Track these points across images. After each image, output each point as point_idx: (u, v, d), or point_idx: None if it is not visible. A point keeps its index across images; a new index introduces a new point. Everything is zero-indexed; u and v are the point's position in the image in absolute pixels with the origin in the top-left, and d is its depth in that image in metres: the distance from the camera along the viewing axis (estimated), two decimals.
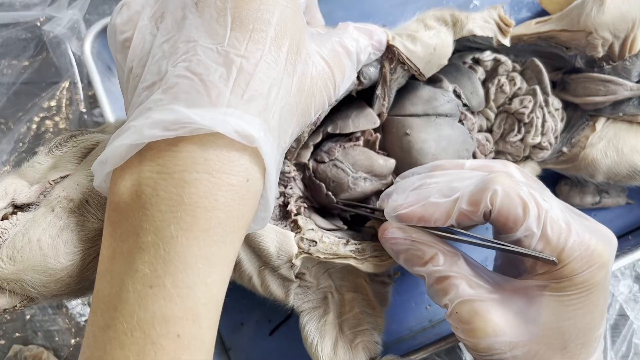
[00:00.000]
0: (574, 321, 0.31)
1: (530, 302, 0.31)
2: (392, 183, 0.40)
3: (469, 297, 0.31)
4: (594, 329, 0.32)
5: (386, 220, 0.34)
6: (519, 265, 0.34)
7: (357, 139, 0.40)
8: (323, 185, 0.39)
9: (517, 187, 0.30)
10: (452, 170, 0.35)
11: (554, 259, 0.30)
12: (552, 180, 0.49)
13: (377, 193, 0.40)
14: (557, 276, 0.30)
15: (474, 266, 0.33)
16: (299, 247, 0.36)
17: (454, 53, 0.40)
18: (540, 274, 0.31)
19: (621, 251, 0.45)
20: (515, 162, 0.44)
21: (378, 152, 0.40)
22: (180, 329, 0.24)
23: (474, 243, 0.32)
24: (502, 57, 0.43)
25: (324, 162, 0.39)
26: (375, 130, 0.40)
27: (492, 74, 0.44)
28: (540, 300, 0.31)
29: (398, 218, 0.33)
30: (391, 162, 0.39)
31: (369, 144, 0.40)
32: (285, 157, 0.38)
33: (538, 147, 0.44)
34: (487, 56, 0.43)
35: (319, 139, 0.39)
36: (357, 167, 0.39)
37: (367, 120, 0.39)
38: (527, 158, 0.45)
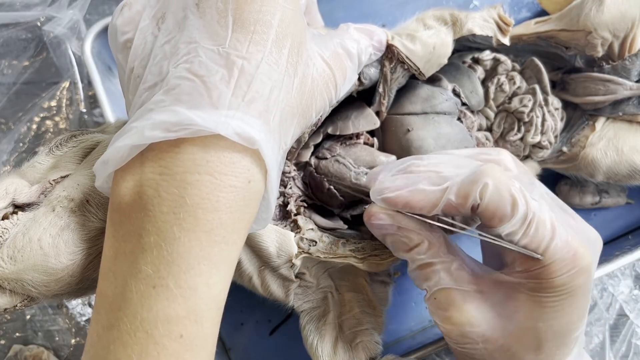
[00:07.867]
0: (550, 323, 0.30)
1: (508, 297, 0.31)
2: None
3: (448, 285, 0.31)
4: (571, 331, 0.31)
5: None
6: (501, 258, 0.33)
7: (358, 137, 0.40)
8: (325, 179, 0.39)
9: (509, 182, 0.29)
10: (442, 154, 0.34)
11: (540, 255, 0.29)
12: (552, 180, 0.49)
13: None
14: (536, 276, 0.30)
15: (457, 254, 0.33)
16: (299, 247, 0.36)
17: (453, 53, 0.40)
18: (519, 271, 0.31)
19: (621, 251, 0.45)
20: None
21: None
22: (183, 329, 0.24)
23: (459, 232, 0.32)
24: (502, 57, 0.43)
25: (325, 159, 0.39)
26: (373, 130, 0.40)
27: (491, 73, 0.44)
28: (518, 298, 0.31)
29: (384, 201, 0.32)
30: (392, 159, 0.39)
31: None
32: (286, 158, 0.38)
33: (538, 146, 0.44)
34: (487, 55, 0.43)
35: (319, 139, 0.39)
36: (358, 162, 0.39)
37: (367, 121, 0.39)
38: (527, 157, 0.45)
